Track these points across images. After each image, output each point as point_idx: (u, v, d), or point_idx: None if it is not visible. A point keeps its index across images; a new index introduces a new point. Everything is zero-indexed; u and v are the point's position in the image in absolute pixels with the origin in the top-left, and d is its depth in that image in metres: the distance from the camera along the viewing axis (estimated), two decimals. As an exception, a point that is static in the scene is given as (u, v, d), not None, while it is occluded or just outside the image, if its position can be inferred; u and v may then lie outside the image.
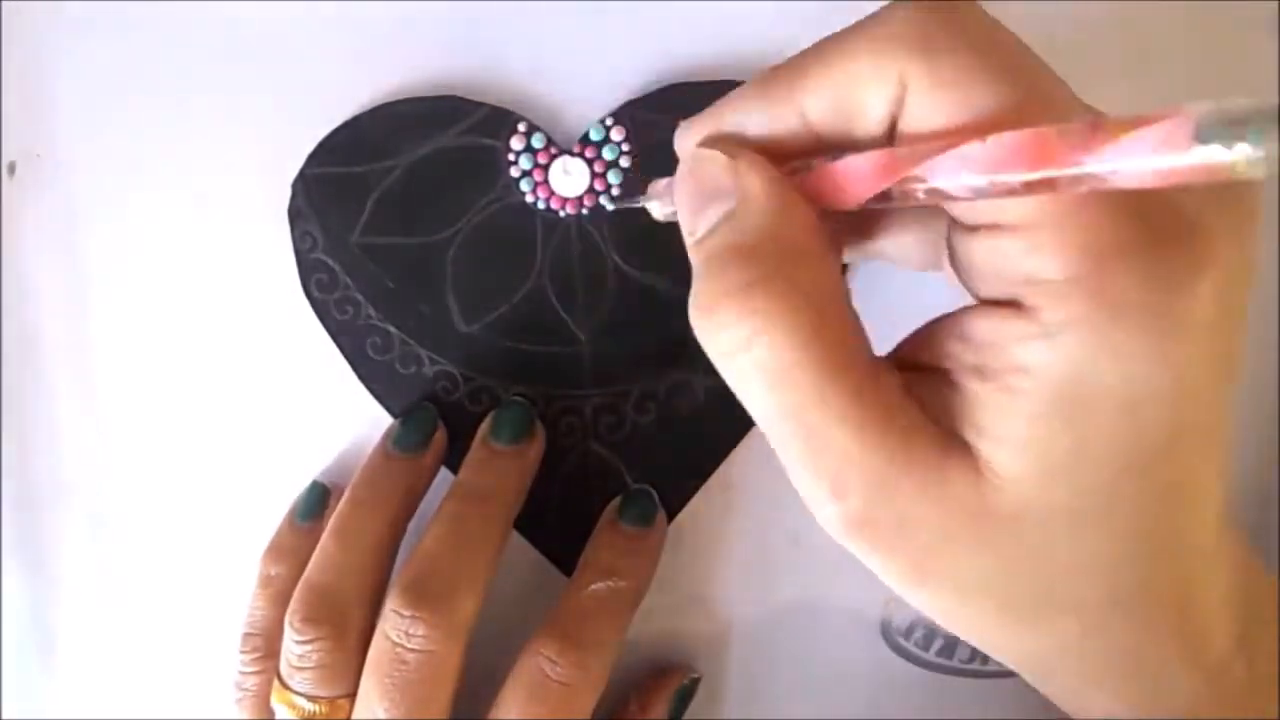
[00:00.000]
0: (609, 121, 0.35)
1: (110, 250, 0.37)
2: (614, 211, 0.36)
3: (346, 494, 0.36)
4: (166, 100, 0.37)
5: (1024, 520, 0.22)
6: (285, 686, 0.34)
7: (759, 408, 0.23)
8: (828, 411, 0.22)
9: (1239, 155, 0.16)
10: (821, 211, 0.23)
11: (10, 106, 0.37)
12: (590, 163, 0.36)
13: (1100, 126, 0.18)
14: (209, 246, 0.37)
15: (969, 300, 0.24)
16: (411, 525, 0.37)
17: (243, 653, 0.37)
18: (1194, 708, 0.25)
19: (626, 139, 0.35)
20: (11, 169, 0.37)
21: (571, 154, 0.36)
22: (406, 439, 0.36)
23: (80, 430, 0.38)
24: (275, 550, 0.38)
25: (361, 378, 0.37)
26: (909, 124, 0.22)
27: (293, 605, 0.34)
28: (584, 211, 0.36)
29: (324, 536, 0.35)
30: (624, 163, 0.36)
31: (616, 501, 0.37)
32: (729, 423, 0.37)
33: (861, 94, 0.22)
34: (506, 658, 0.34)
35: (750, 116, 0.24)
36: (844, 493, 0.23)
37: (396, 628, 0.32)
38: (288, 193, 0.36)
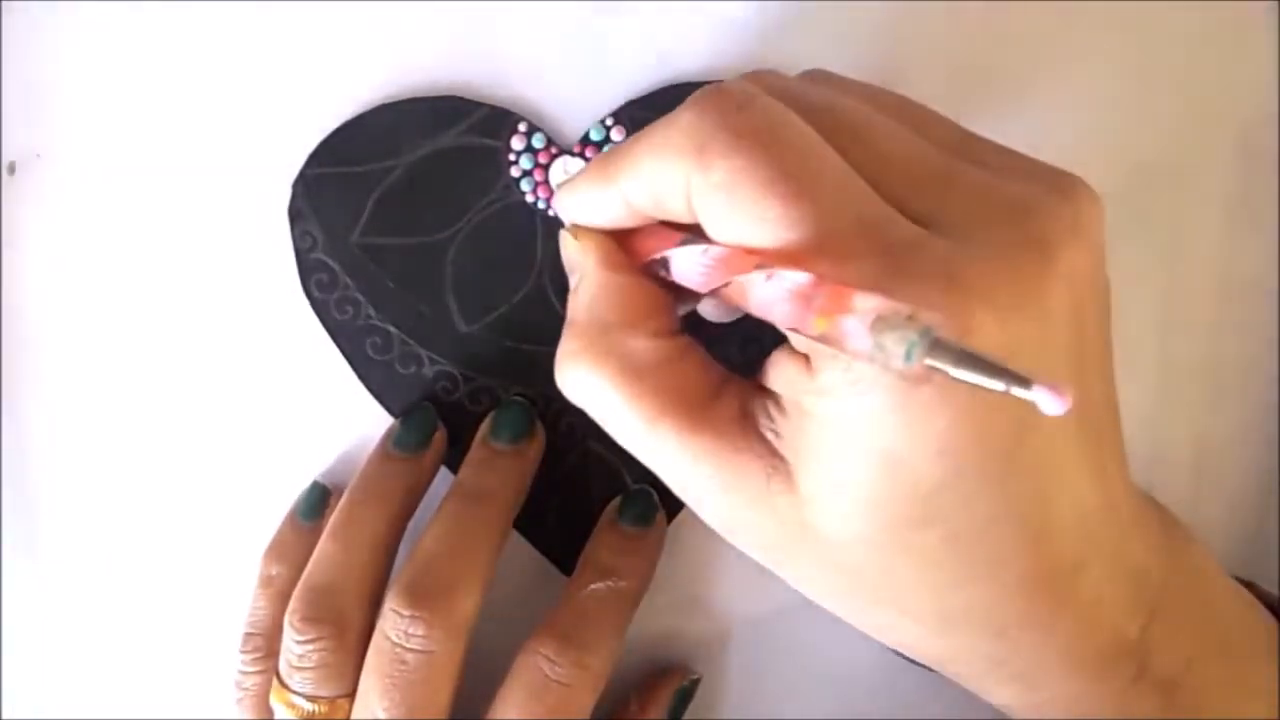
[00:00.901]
0: (609, 122, 0.35)
1: (110, 250, 0.37)
2: None
3: (346, 494, 0.36)
4: (166, 100, 0.37)
5: (840, 540, 0.25)
6: (284, 686, 0.34)
7: (616, 438, 0.27)
8: (660, 443, 0.26)
9: (892, 359, 0.20)
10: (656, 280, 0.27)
11: (10, 106, 0.37)
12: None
13: (831, 294, 0.22)
14: (209, 246, 0.37)
15: None
16: (411, 525, 0.36)
17: (243, 652, 0.37)
18: (1075, 708, 0.27)
19: (626, 139, 0.35)
20: (11, 169, 0.37)
21: (572, 154, 0.36)
22: (406, 439, 0.36)
23: (80, 430, 0.38)
24: (276, 550, 0.38)
25: (361, 377, 0.37)
26: (700, 216, 0.25)
27: (292, 605, 0.34)
28: (584, 211, 0.36)
29: (324, 536, 0.35)
30: (624, 163, 0.36)
31: (616, 502, 0.37)
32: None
33: (662, 188, 0.25)
34: (506, 658, 0.34)
35: (588, 199, 0.28)
36: (701, 505, 0.27)
37: (396, 627, 0.32)
38: (288, 192, 0.36)
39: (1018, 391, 0.19)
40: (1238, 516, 0.39)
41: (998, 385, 0.19)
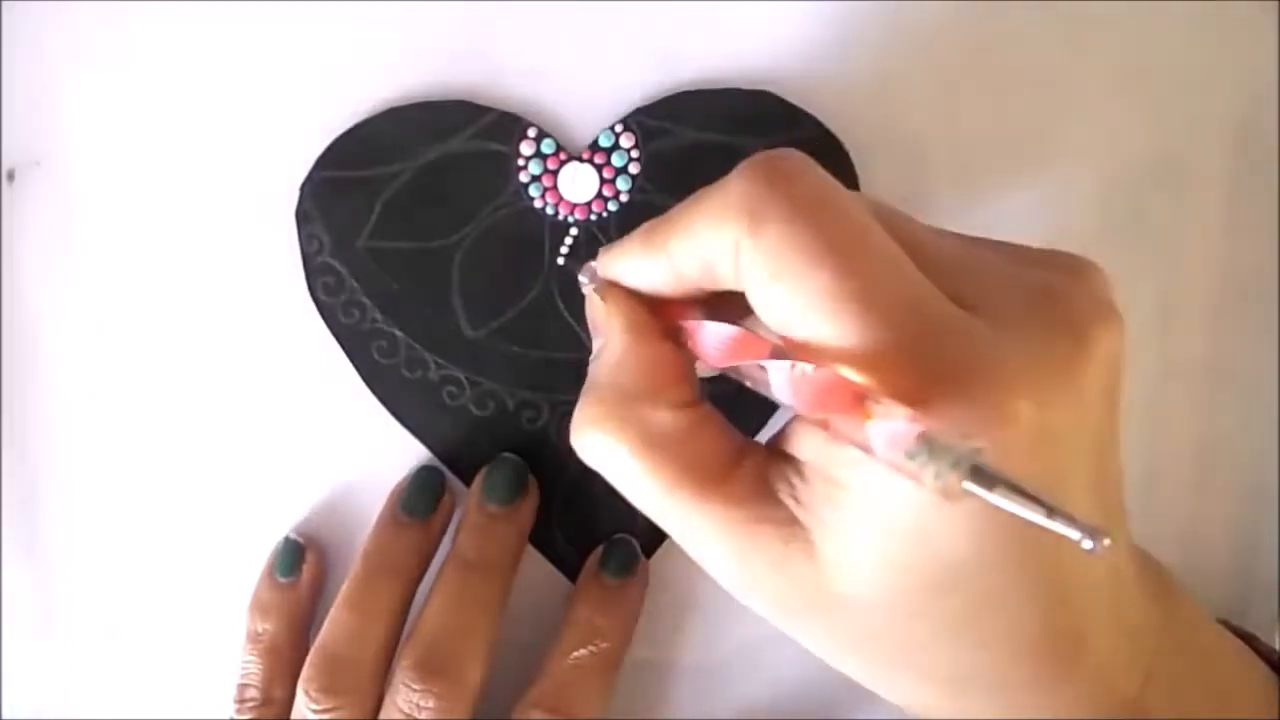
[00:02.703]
0: (618, 128, 0.35)
1: (112, 255, 0.37)
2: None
3: (360, 560, 0.37)
4: (172, 105, 0.36)
5: (859, 605, 0.25)
6: None
7: (632, 502, 0.27)
8: (677, 512, 0.26)
9: (926, 476, 0.20)
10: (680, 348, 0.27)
11: (11, 112, 0.36)
12: (599, 169, 0.36)
13: (861, 398, 0.22)
14: (215, 250, 0.37)
15: None
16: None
17: (237, 702, 0.37)
18: None
19: (635, 146, 0.35)
20: (11, 175, 0.37)
21: (580, 160, 0.36)
22: (415, 505, 0.37)
23: (82, 432, 0.38)
24: (259, 607, 0.38)
25: (367, 381, 0.37)
26: (746, 282, 0.24)
27: (307, 673, 0.35)
28: (592, 217, 0.36)
29: (338, 603, 0.36)
30: (633, 169, 0.36)
31: (598, 552, 0.38)
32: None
33: (712, 254, 0.25)
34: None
35: (635, 264, 0.28)
36: (715, 568, 0.27)
37: (408, 700, 0.34)
38: (295, 195, 0.36)
39: (1056, 526, 0.19)
40: (1238, 516, 0.39)
41: (1036, 517, 0.19)
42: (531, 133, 0.35)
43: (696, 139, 0.35)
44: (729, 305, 0.26)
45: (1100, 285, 0.26)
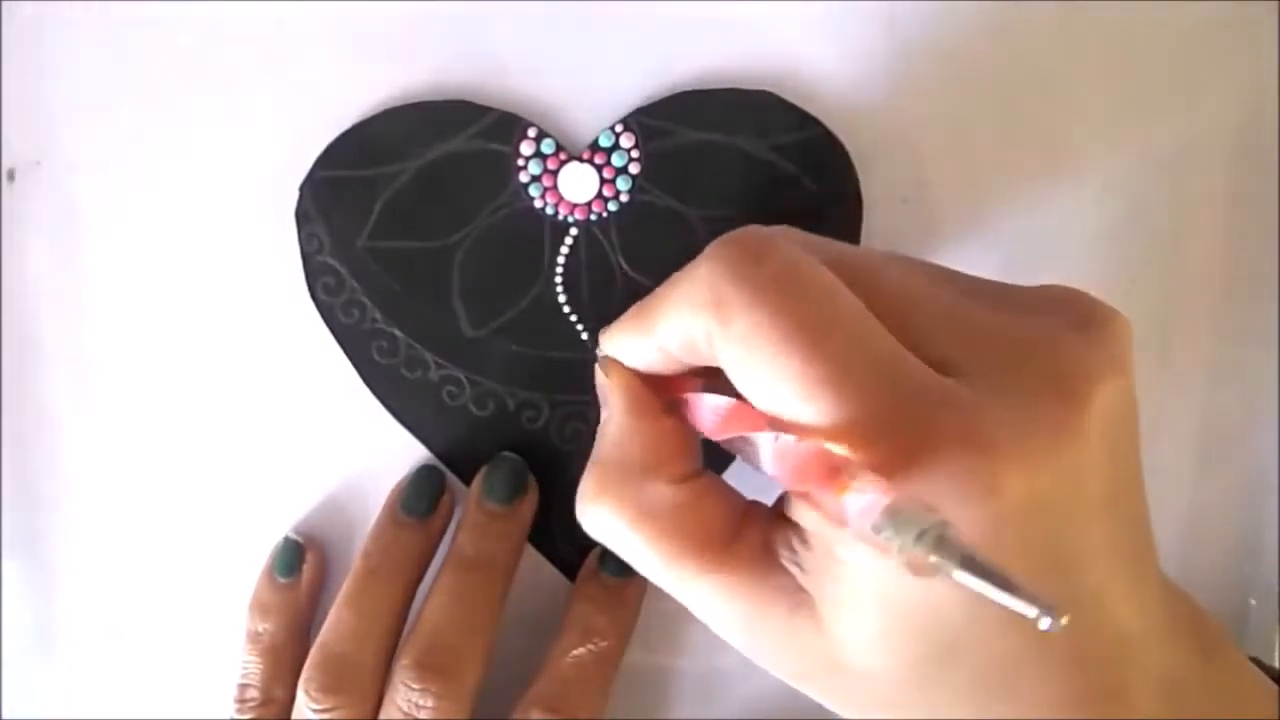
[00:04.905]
0: (618, 128, 0.35)
1: (112, 255, 0.37)
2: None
3: (360, 560, 0.37)
4: (171, 105, 0.36)
5: (868, 674, 0.25)
6: None
7: (639, 573, 0.27)
8: (682, 582, 0.26)
9: (893, 548, 0.20)
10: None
11: (10, 112, 0.36)
12: (599, 169, 0.36)
13: (838, 472, 0.22)
14: (215, 249, 0.37)
15: None
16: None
17: (237, 702, 0.37)
18: None
19: (635, 146, 0.35)
20: (11, 175, 0.37)
21: (580, 160, 0.36)
22: (415, 505, 0.37)
23: (83, 432, 0.38)
24: (259, 607, 0.38)
25: (366, 381, 0.37)
26: (725, 369, 0.25)
27: (307, 673, 0.35)
28: (592, 217, 0.36)
29: (339, 603, 0.36)
30: (633, 169, 0.36)
31: (598, 551, 0.38)
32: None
33: (690, 338, 0.25)
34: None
35: (628, 343, 0.28)
36: (725, 632, 0.27)
37: (407, 699, 0.34)
38: (295, 195, 0.36)
39: (1011, 603, 0.19)
40: (1238, 516, 0.39)
41: (993, 592, 0.19)
42: (531, 133, 0.35)
43: (696, 139, 0.35)
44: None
45: (1108, 333, 0.25)
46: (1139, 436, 0.26)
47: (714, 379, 0.26)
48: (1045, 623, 0.19)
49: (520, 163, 0.36)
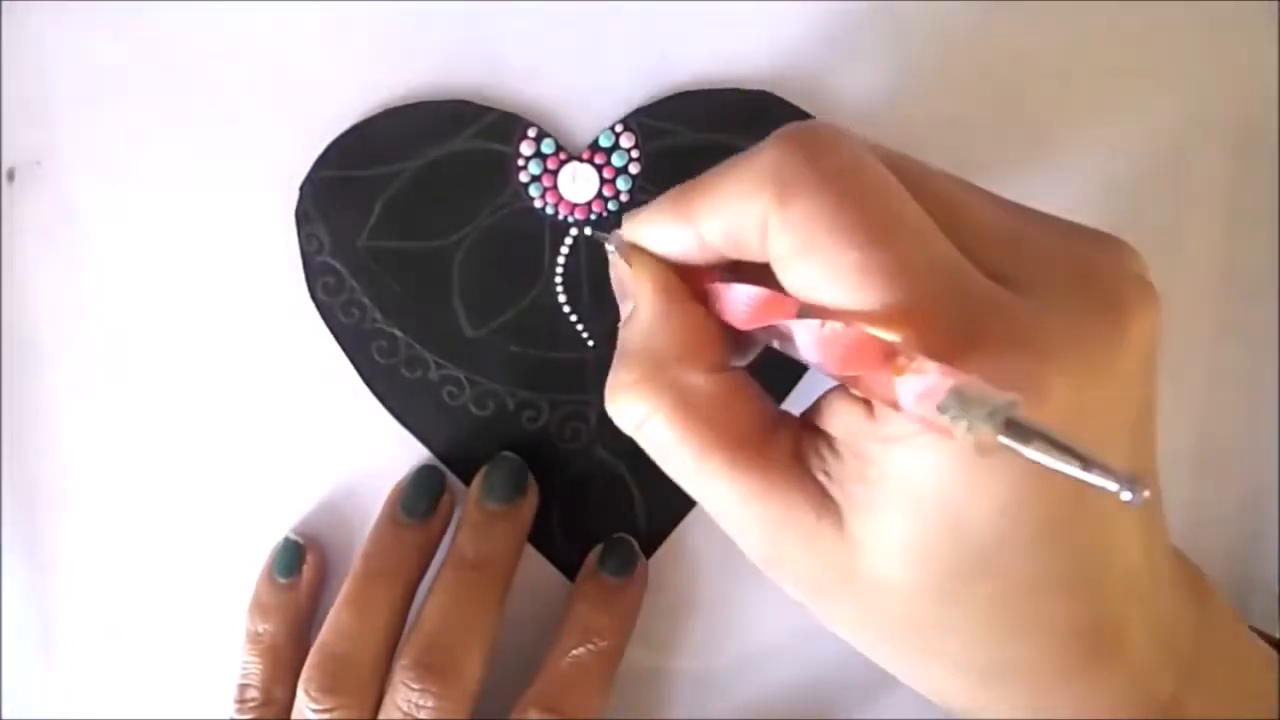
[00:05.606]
0: (618, 128, 0.35)
1: (112, 255, 0.37)
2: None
3: (359, 560, 0.37)
4: (171, 105, 0.36)
5: (887, 586, 0.24)
6: None
7: (665, 470, 0.26)
8: (710, 478, 0.26)
9: (958, 429, 0.20)
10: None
11: (10, 111, 0.36)
12: (599, 169, 0.36)
13: (892, 355, 0.21)
14: (215, 249, 0.37)
15: None
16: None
17: (237, 702, 0.37)
18: None
19: (635, 146, 0.35)
20: (11, 175, 0.37)
21: (580, 160, 0.36)
22: (414, 506, 0.37)
23: (83, 432, 0.38)
24: (258, 608, 0.38)
25: (366, 381, 0.37)
26: (773, 256, 0.24)
27: (307, 673, 0.35)
28: (592, 217, 0.36)
29: (339, 604, 0.36)
30: (633, 169, 0.36)
31: (597, 550, 0.38)
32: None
33: (740, 225, 0.25)
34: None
35: (661, 230, 0.27)
36: (744, 539, 0.26)
37: (407, 699, 0.34)
38: (295, 195, 0.36)
39: (1093, 479, 0.19)
40: (1238, 516, 0.39)
41: (1073, 470, 0.19)
42: (531, 133, 0.35)
43: (696, 139, 0.35)
44: (750, 274, 0.26)
45: (1142, 268, 0.25)
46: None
47: (738, 276, 0.26)
48: (1128, 495, 0.18)
49: (520, 163, 0.36)
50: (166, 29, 0.36)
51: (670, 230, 0.26)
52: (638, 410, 0.26)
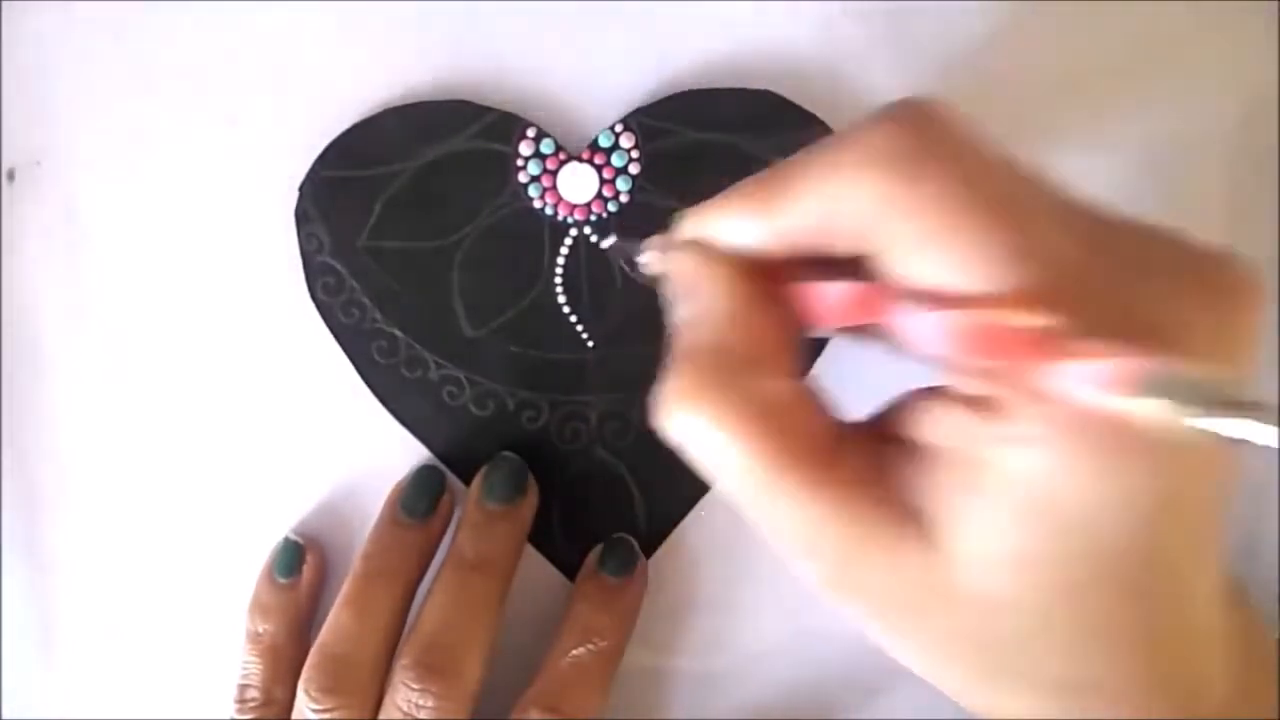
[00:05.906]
0: (618, 128, 0.35)
1: (112, 255, 0.37)
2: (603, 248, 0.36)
3: (359, 561, 0.37)
4: (171, 105, 0.36)
5: (982, 600, 0.23)
6: None
7: (725, 490, 0.24)
8: (780, 500, 0.23)
9: (1162, 415, 0.18)
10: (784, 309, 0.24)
11: (11, 112, 0.36)
12: (599, 169, 0.36)
13: (1054, 340, 0.19)
14: (215, 249, 0.37)
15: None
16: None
17: (237, 702, 0.37)
18: None
19: (635, 146, 0.35)
20: (11, 175, 0.37)
21: (580, 160, 0.36)
22: (414, 506, 0.37)
23: (83, 432, 0.38)
24: (258, 608, 0.38)
25: (366, 381, 0.37)
26: (887, 243, 0.22)
27: (307, 673, 0.35)
28: (592, 217, 0.36)
29: (338, 604, 0.36)
30: (633, 169, 0.36)
31: (597, 550, 0.38)
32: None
33: (842, 211, 0.22)
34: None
35: (734, 222, 0.24)
36: (814, 562, 0.24)
37: (407, 699, 0.34)
38: (295, 195, 0.36)
39: None
40: (1238, 516, 0.39)
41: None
42: (531, 133, 0.36)
43: (696, 139, 0.35)
44: (820, 270, 0.24)
45: (1230, 309, 0.23)
46: None
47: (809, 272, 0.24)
48: None
49: (520, 163, 0.36)
50: (167, 29, 0.36)
51: (744, 224, 0.24)
52: (702, 422, 0.23)
